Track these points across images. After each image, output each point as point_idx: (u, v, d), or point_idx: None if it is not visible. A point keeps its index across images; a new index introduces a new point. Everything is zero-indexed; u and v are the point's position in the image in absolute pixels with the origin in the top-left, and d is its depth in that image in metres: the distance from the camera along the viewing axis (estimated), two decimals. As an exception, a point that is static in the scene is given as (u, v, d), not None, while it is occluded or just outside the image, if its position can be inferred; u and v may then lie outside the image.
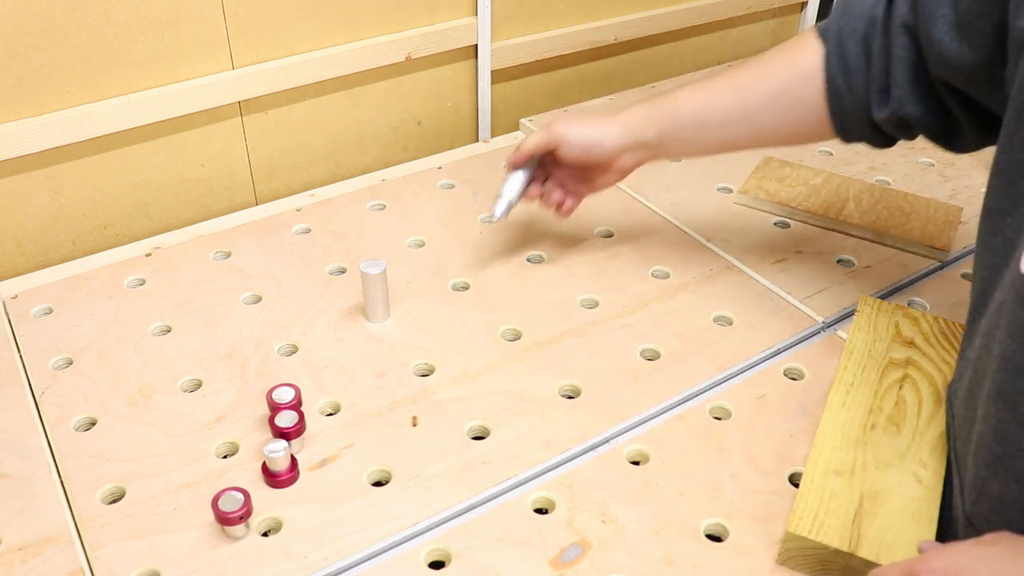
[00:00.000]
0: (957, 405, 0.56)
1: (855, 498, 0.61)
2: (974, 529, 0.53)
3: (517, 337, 0.79)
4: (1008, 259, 0.51)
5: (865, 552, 0.57)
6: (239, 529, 0.61)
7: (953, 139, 0.66)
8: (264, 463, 0.65)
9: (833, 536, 0.58)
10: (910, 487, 0.61)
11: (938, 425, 0.67)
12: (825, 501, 0.60)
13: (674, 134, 0.76)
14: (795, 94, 0.71)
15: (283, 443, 0.64)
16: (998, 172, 0.53)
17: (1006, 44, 0.54)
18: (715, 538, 0.62)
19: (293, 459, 0.65)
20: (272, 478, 0.64)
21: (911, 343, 0.75)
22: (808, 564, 0.59)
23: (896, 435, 0.66)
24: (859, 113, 0.68)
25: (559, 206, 0.84)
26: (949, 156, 1.08)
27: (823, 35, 0.70)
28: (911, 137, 0.69)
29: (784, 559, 0.59)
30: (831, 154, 1.08)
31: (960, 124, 0.64)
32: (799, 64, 0.70)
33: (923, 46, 0.62)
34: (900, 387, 0.70)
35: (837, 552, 0.57)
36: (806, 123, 0.71)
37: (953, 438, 0.56)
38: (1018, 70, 0.51)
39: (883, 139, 0.70)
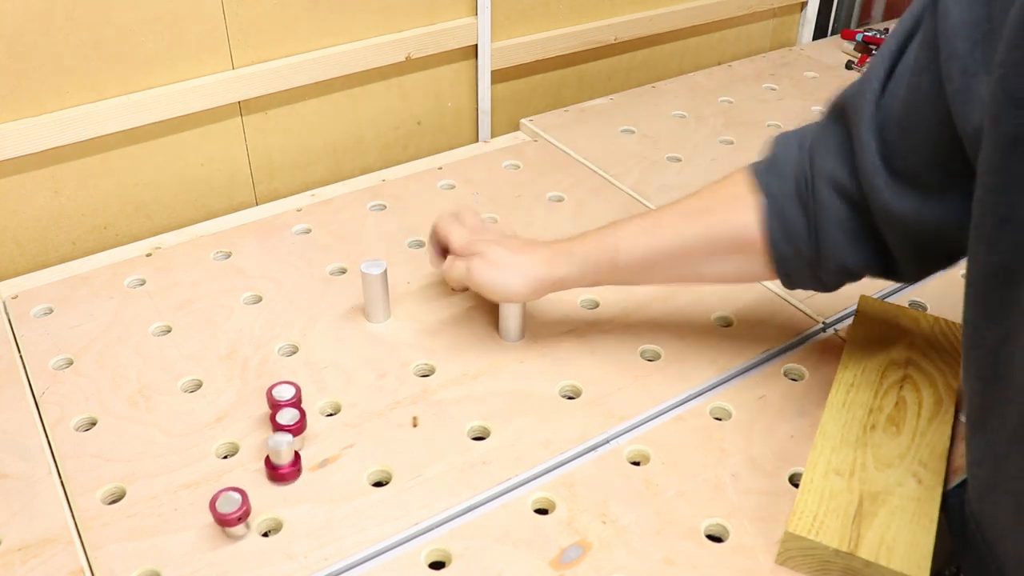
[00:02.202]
0: (993, 531, 0.53)
1: (855, 498, 0.61)
2: None
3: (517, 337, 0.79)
4: (998, 373, 0.49)
5: (865, 552, 0.57)
6: (239, 529, 0.61)
7: (893, 273, 0.65)
8: (267, 457, 0.65)
9: (833, 536, 0.58)
10: (910, 487, 0.61)
11: (938, 426, 0.67)
12: (825, 501, 0.61)
13: (607, 275, 0.72)
14: (740, 256, 0.67)
15: (287, 436, 0.64)
16: (969, 283, 0.51)
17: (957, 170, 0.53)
18: (715, 538, 0.62)
19: (296, 454, 0.65)
20: (275, 471, 0.64)
21: (911, 343, 0.75)
22: (808, 564, 0.59)
23: (896, 435, 0.66)
24: (804, 270, 0.66)
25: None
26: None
27: (761, 190, 0.66)
28: (857, 279, 0.67)
29: (784, 559, 0.59)
30: (831, 154, 1.08)
31: (898, 262, 0.63)
32: (745, 224, 0.66)
33: (871, 208, 0.60)
34: (900, 387, 0.70)
35: (837, 552, 0.57)
36: (751, 274, 0.69)
37: (996, 568, 0.53)
38: (976, 187, 0.48)
39: (832, 286, 0.68)
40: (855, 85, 0.60)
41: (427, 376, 0.75)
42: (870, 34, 1.30)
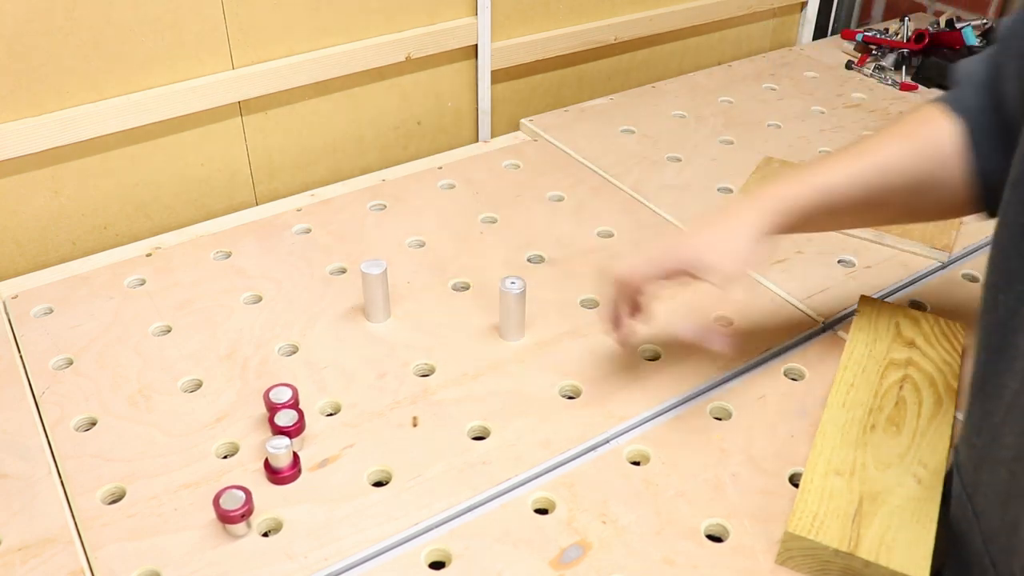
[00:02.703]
0: (982, 503, 0.52)
1: (854, 498, 0.61)
2: None
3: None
4: (1007, 342, 0.49)
5: (864, 552, 0.57)
6: (240, 527, 0.61)
7: None
8: (267, 460, 0.65)
9: (832, 536, 0.58)
10: (910, 487, 0.61)
11: (938, 426, 0.67)
12: (825, 501, 0.60)
13: (819, 219, 0.67)
14: (939, 176, 0.64)
15: (285, 439, 0.64)
16: (994, 244, 0.51)
17: None
18: (715, 538, 0.62)
19: (295, 455, 0.66)
20: (274, 474, 0.65)
21: (912, 343, 0.75)
22: (807, 564, 0.59)
23: (896, 435, 0.66)
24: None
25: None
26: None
27: (954, 111, 0.64)
28: None
29: (783, 559, 0.59)
30: (831, 154, 1.08)
31: None
32: (941, 143, 0.64)
33: None
34: (900, 388, 0.70)
35: (836, 552, 0.57)
36: (946, 201, 0.66)
37: (983, 541, 0.52)
38: (1020, 139, 0.48)
39: None
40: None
41: (427, 376, 0.75)
42: (870, 34, 1.30)
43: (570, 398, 0.74)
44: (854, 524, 0.59)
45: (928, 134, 0.65)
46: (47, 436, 0.69)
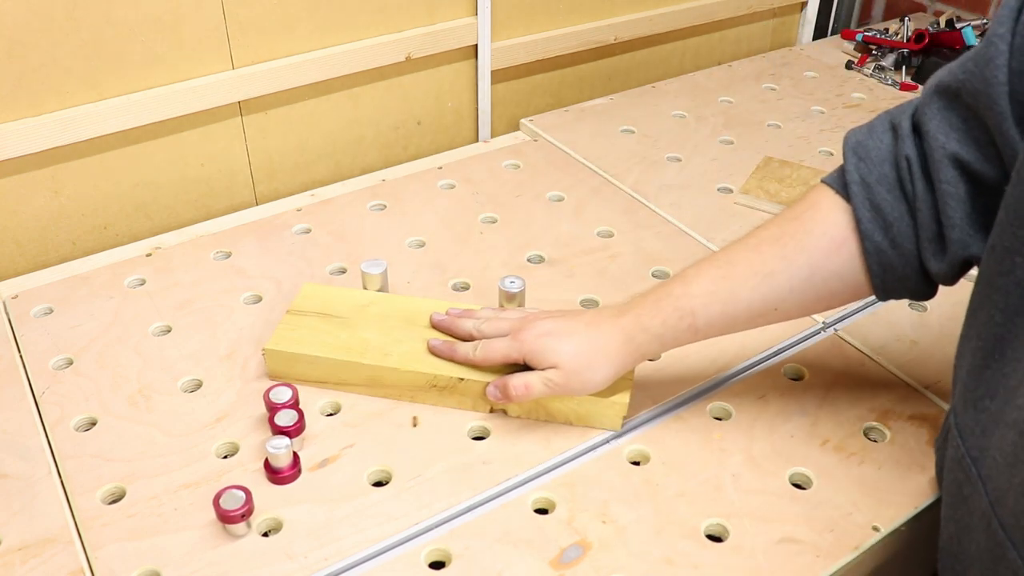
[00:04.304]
0: (991, 466, 0.51)
1: None
2: None
3: (517, 337, 0.79)
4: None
5: None
6: (240, 527, 0.61)
7: None
8: (267, 460, 0.65)
9: None
10: None
11: None
12: None
13: (688, 340, 0.66)
14: (828, 268, 0.61)
15: (285, 439, 0.64)
16: (1006, 207, 0.49)
17: None
18: (715, 538, 0.62)
19: (295, 455, 0.66)
20: (275, 474, 0.65)
21: None
22: None
23: None
24: (906, 269, 0.60)
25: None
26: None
27: (844, 190, 0.61)
28: (964, 272, 0.59)
29: None
30: (831, 154, 1.08)
31: None
32: (824, 232, 0.61)
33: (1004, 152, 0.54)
34: None
35: None
36: (840, 294, 0.63)
37: (990, 503, 0.51)
38: None
39: (930, 290, 0.62)
40: (967, 65, 0.54)
41: (427, 376, 0.75)
42: (870, 34, 1.30)
43: (570, 398, 0.74)
44: None
45: (813, 222, 0.62)
46: (47, 436, 0.69)
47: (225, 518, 0.60)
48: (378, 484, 0.66)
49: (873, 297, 0.63)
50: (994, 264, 0.50)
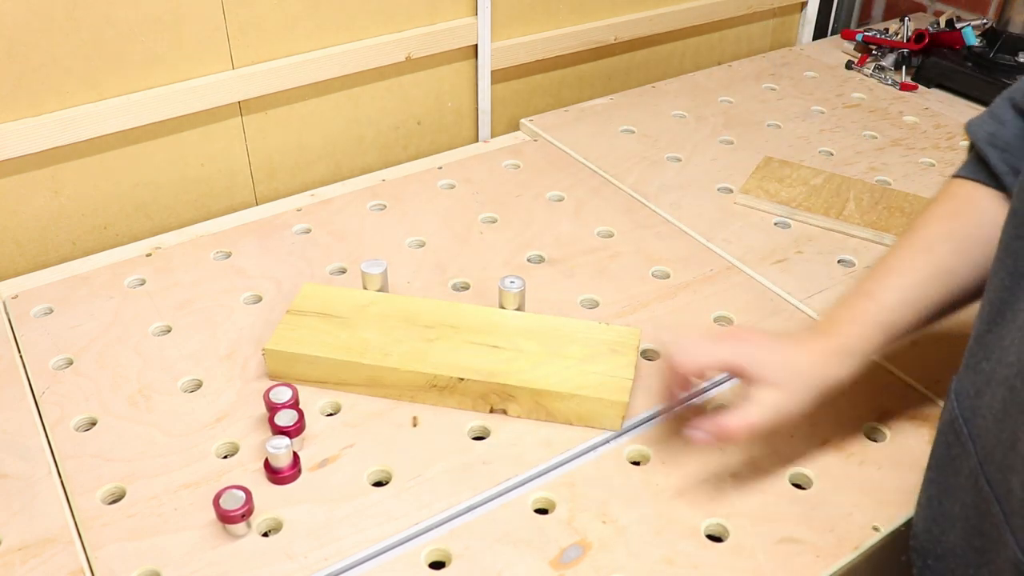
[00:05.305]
0: (981, 424, 0.52)
1: None
2: None
3: (517, 337, 0.79)
4: None
5: None
6: (240, 527, 0.61)
7: None
8: (267, 460, 0.65)
9: None
10: None
11: None
12: None
13: (885, 351, 0.65)
14: (992, 245, 0.61)
15: (285, 439, 0.64)
16: None
17: None
18: (715, 538, 0.62)
19: (295, 455, 0.66)
20: (275, 474, 0.65)
21: None
22: None
23: None
24: None
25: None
26: (949, 156, 1.08)
27: (995, 180, 0.62)
28: None
29: None
30: (832, 154, 1.08)
31: None
32: (991, 222, 0.60)
33: None
34: None
35: None
36: None
37: (979, 461, 0.52)
38: None
39: None
40: None
41: (427, 376, 0.75)
42: (870, 34, 1.30)
43: (570, 398, 0.73)
44: None
45: (973, 214, 0.63)
46: (47, 436, 0.69)
47: (225, 518, 0.60)
48: (378, 484, 0.66)
49: None
50: (1011, 228, 0.51)
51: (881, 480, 0.66)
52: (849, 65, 1.29)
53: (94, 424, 0.70)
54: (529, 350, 0.72)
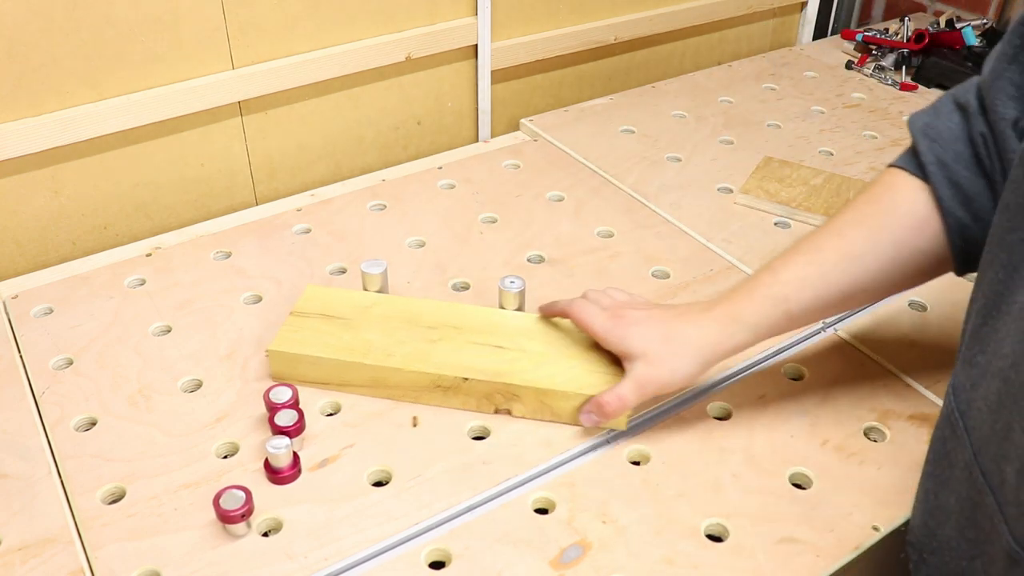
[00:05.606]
0: (976, 417, 0.53)
1: None
2: None
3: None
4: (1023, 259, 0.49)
5: None
6: (240, 527, 0.61)
7: None
8: (267, 460, 0.65)
9: None
10: None
11: None
12: None
13: (783, 329, 0.66)
14: (912, 246, 0.63)
15: (285, 439, 0.64)
16: (1021, 164, 0.50)
17: None
18: (715, 538, 0.62)
19: (295, 455, 0.66)
20: (275, 474, 0.65)
21: None
22: None
23: None
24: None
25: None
26: (949, 156, 1.08)
27: (920, 171, 0.63)
28: None
29: None
30: (831, 154, 1.08)
31: None
32: (906, 212, 0.63)
33: None
34: None
35: None
36: (924, 271, 0.65)
37: (973, 453, 0.52)
38: None
39: None
40: (1018, 29, 0.57)
41: (427, 376, 0.75)
42: (870, 34, 1.30)
43: (570, 398, 0.73)
44: None
45: (893, 204, 0.64)
46: (47, 436, 0.69)
47: (225, 518, 0.60)
48: (378, 484, 0.66)
49: None
50: (1005, 222, 0.51)
51: (881, 480, 0.66)
52: (849, 65, 1.29)
53: (94, 424, 0.70)
54: (533, 350, 0.72)
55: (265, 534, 0.62)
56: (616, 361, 0.70)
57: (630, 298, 0.73)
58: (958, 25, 1.26)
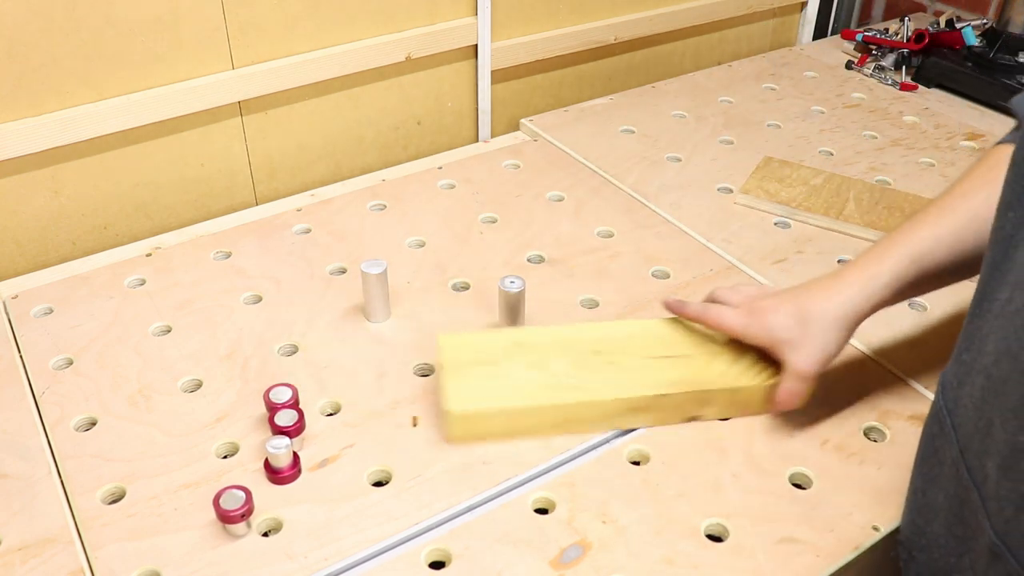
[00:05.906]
0: (962, 414, 0.53)
1: None
2: (1010, 552, 0.49)
3: (517, 337, 0.79)
4: (1006, 256, 0.50)
5: None
6: (240, 527, 0.61)
7: None
8: (267, 460, 0.65)
9: None
10: None
11: None
12: None
13: (912, 293, 0.67)
14: None
15: (285, 439, 0.64)
16: (1013, 165, 0.51)
17: None
18: (715, 538, 0.62)
19: (295, 455, 0.66)
20: (275, 474, 0.65)
21: None
22: None
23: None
24: None
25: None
26: (950, 156, 1.08)
27: None
28: None
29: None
30: (832, 154, 1.08)
31: None
32: None
33: None
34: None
35: None
36: None
37: (960, 450, 0.53)
38: None
39: None
40: None
41: (427, 376, 0.75)
42: (870, 34, 1.30)
43: (570, 398, 0.73)
44: None
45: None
46: (47, 436, 0.69)
47: (225, 518, 0.60)
48: (378, 484, 0.66)
49: None
50: (995, 220, 0.52)
51: (881, 480, 0.66)
52: (849, 65, 1.29)
53: (94, 424, 0.70)
54: (697, 353, 0.71)
55: (265, 534, 0.62)
56: (741, 346, 0.70)
57: (759, 289, 0.72)
58: (958, 25, 1.26)
